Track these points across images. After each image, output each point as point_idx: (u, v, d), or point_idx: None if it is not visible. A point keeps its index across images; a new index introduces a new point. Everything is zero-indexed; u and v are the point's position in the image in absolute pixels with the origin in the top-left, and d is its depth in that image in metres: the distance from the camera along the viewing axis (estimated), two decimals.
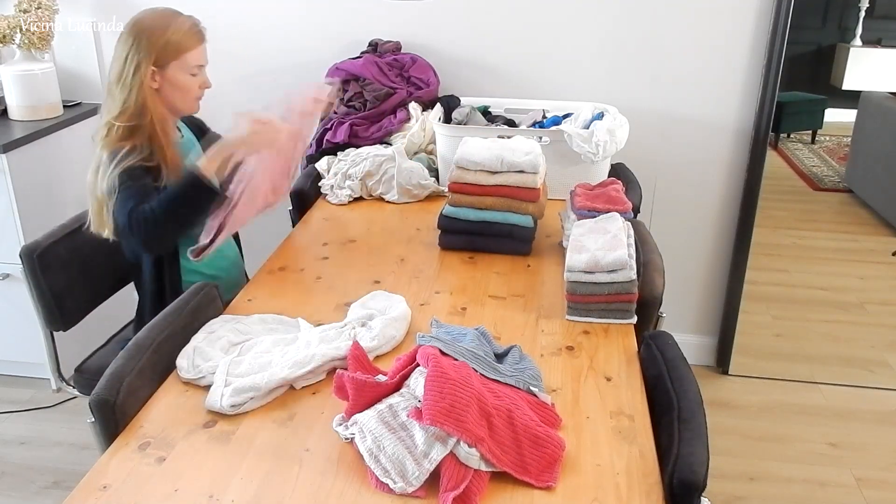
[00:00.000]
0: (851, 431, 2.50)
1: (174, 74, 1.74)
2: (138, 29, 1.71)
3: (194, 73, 1.77)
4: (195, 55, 1.76)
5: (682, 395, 1.19)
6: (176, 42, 1.72)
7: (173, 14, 1.75)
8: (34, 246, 1.74)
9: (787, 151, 4.84)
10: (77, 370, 1.88)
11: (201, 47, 1.78)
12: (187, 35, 1.74)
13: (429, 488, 1.06)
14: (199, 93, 1.82)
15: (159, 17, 1.73)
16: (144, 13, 1.74)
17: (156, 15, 1.74)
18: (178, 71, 1.74)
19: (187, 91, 1.78)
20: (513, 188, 1.81)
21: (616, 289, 1.50)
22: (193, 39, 1.75)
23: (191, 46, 1.74)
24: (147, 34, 1.70)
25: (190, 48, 1.74)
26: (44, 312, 1.78)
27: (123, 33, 1.72)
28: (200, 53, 1.77)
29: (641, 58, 2.51)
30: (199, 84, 1.80)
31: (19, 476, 2.32)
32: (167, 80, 1.74)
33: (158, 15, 1.74)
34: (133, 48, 1.69)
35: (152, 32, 1.70)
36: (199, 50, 1.77)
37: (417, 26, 2.58)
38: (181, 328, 1.42)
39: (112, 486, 1.08)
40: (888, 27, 4.54)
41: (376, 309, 1.50)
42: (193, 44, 1.75)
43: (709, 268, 2.76)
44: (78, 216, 1.89)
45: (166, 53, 1.71)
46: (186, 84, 1.77)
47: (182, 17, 1.75)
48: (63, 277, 1.80)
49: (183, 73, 1.75)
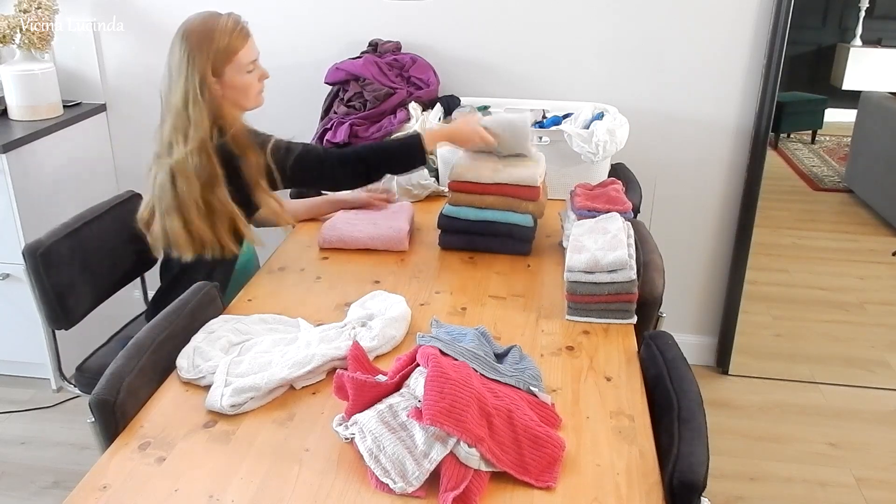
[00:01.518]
0: (851, 431, 2.50)
1: (232, 78, 1.73)
2: (188, 42, 1.68)
3: (250, 69, 1.76)
4: (246, 53, 1.74)
5: (682, 395, 1.19)
6: (225, 46, 1.70)
7: (214, 17, 1.72)
8: (37, 244, 1.74)
9: (787, 151, 4.83)
10: (78, 369, 1.88)
11: (249, 43, 1.75)
12: (234, 36, 1.71)
13: (429, 488, 1.06)
14: (260, 86, 1.81)
15: (204, 24, 1.70)
16: (189, 24, 1.71)
17: (200, 23, 1.70)
18: (234, 74, 1.73)
19: (249, 88, 1.77)
20: (513, 187, 1.81)
21: (616, 289, 1.50)
22: (240, 38, 1.72)
23: (240, 46, 1.72)
24: (197, 46, 1.67)
25: (239, 48, 1.72)
26: (46, 311, 1.78)
27: (173, 51, 1.69)
28: (250, 49, 1.75)
29: (641, 58, 2.51)
30: (258, 78, 1.79)
31: (19, 476, 2.32)
32: (227, 86, 1.73)
33: (203, 22, 1.70)
34: (189, 67, 1.67)
35: (201, 44, 1.68)
36: (248, 47, 1.74)
37: (417, 26, 2.58)
38: (181, 328, 1.42)
39: (112, 486, 1.08)
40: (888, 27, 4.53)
41: (376, 309, 1.50)
42: (241, 42, 1.73)
43: (709, 268, 2.76)
44: (80, 215, 1.89)
45: (219, 61, 1.70)
46: (245, 83, 1.76)
47: (223, 18, 1.72)
48: (65, 276, 1.80)
49: (240, 74, 1.74)
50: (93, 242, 1.86)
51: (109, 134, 2.87)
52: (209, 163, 1.67)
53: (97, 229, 1.90)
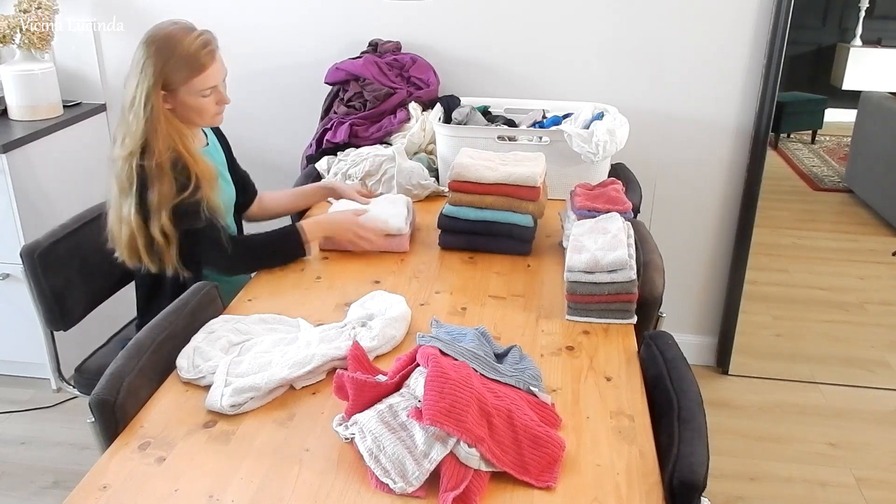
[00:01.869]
0: (851, 431, 2.50)
1: (185, 97, 1.67)
2: (147, 49, 1.64)
3: (206, 94, 1.69)
4: (204, 79, 1.66)
5: (682, 395, 1.19)
6: (183, 65, 1.63)
7: (185, 31, 1.65)
8: (35, 246, 1.74)
9: (787, 151, 4.83)
10: (77, 370, 1.88)
11: (212, 68, 1.67)
12: (195, 56, 1.64)
13: (429, 488, 1.06)
14: (217, 109, 1.75)
15: (169, 36, 1.64)
16: (157, 30, 1.65)
17: (167, 33, 1.65)
18: (187, 95, 1.67)
19: (203, 111, 1.71)
20: (513, 187, 1.81)
21: (616, 289, 1.50)
22: (203, 61, 1.65)
23: (199, 70, 1.65)
24: (154, 57, 1.62)
25: (199, 72, 1.65)
26: (44, 312, 1.78)
27: (136, 53, 1.66)
28: (211, 76, 1.67)
29: (641, 58, 2.51)
30: (214, 102, 1.72)
31: (19, 476, 2.32)
32: (179, 102, 1.68)
33: (169, 34, 1.64)
34: (142, 72, 1.63)
35: (159, 56, 1.62)
36: (209, 72, 1.67)
37: (417, 26, 2.58)
38: (181, 328, 1.42)
39: (112, 486, 1.08)
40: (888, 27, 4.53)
41: (376, 309, 1.50)
42: (202, 67, 1.65)
43: (709, 268, 2.76)
44: (78, 216, 1.89)
45: (174, 78, 1.64)
46: (199, 105, 1.70)
47: (192, 35, 1.65)
48: (63, 277, 1.80)
49: (194, 96, 1.67)
50: (91, 243, 1.86)
51: (109, 134, 2.87)
52: (130, 173, 1.63)
53: (96, 230, 1.89)
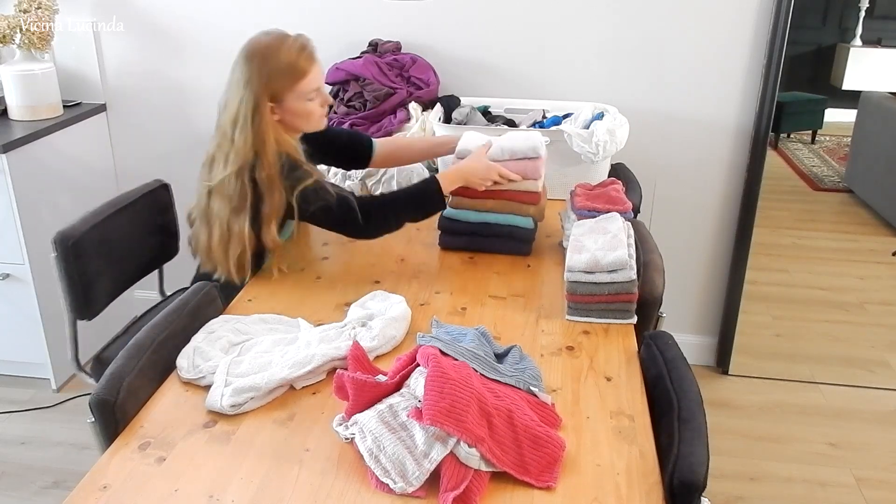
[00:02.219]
0: (851, 431, 2.50)
1: (292, 104, 1.68)
2: (248, 62, 1.63)
3: (311, 97, 1.70)
4: (309, 81, 1.68)
5: (682, 395, 1.19)
6: (287, 72, 1.64)
7: (281, 39, 1.66)
8: (70, 232, 1.72)
9: (787, 151, 4.83)
10: (96, 359, 1.87)
11: (315, 69, 1.69)
12: (297, 61, 1.65)
13: (429, 488, 1.06)
14: (323, 111, 1.76)
15: (269, 47, 1.65)
16: (254, 43, 1.66)
17: (265, 44, 1.65)
18: (294, 101, 1.67)
19: (310, 115, 1.72)
20: (513, 192, 1.81)
21: (616, 289, 1.50)
22: (304, 65, 1.66)
23: (303, 74, 1.66)
24: (257, 69, 1.62)
25: (302, 76, 1.66)
26: (71, 301, 1.76)
27: (234, 69, 1.65)
28: (314, 78, 1.69)
29: (641, 58, 2.51)
30: (319, 104, 1.73)
31: (19, 476, 2.32)
32: (286, 111, 1.68)
33: (268, 44, 1.65)
34: (246, 86, 1.63)
35: (262, 68, 1.62)
36: (313, 73, 1.68)
37: (417, 26, 2.58)
38: (181, 328, 1.42)
39: (112, 486, 1.08)
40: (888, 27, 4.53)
41: (376, 309, 1.50)
42: (305, 70, 1.66)
43: (709, 268, 2.76)
44: (111, 202, 1.88)
45: (279, 86, 1.64)
46: (307, 110, 1.70)
47: (290, 41, 1.66)
48: (93, 265, 1.78)
49: (301, 102, 1.68)
50: (119, 232, 1.85)
51: (109, 134, 2.87)
52: (242, 189, 1.64)
53: (125, 218, 1.89)
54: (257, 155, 1.64)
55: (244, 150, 1.63)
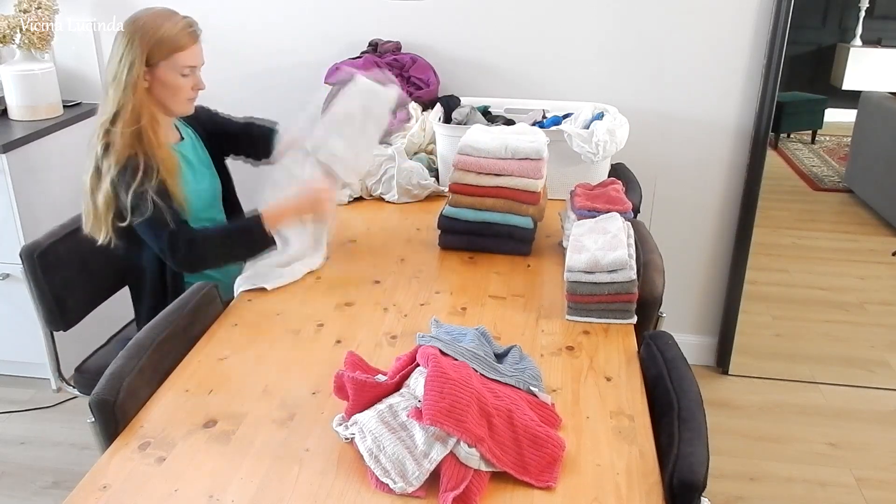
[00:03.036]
0: (851, 431, 2.50)
1: (164, 74, 1.72)
2: (132, 28, 1.70)
3: (185, 73, 1.74)
4: (186, 55, 1.73)
5: (682, 395, 1.19)
6: (167, 41, 1.69)
7: (169, 13, 1.73)
8: (34, 246, 1.74)
9: (787, 151, 4.84)
10: (77, 370, 1.87)
11: (194, 48, 1.74)
12: (180, 35, 1.71)
13: (429, 488, 1.06)
14: (192, 94, 1.79)
15: (154, 16, 1.71)
16: (140, 12, 1.73)
17: (151, 14, 1.72)
18: (167, 70, 1.72)
19: (177, 91, 1.75)
20: (513, 190, 1.81)
21: (616, 289, 1.50)
22: (185, 39, 1.72)
23: (182, 47, 1.71)
24: (140, 33, 1.68)
25: (181, 48, 1.71)
26: (44, 312, 1.78)
27: (119, 32, 1.71)
28: (192, 54, 1.74)
29: (641, 58, 2.51)
30: (190, 85, 1.77)
31: (19, 476, 2.32)
32: (157, 79, 1.72)
33: (153, 14, 1.72)
34: (127, 47, 1.69)
35: (145, 31, 1.68)
36: (191, 51, 1.74)
37: (417, 26, 2.58)
38: (181, 328, 1.42)
39: (112, 486, 1.08)
40: (888, 27, 4.54)
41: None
42: (185, 44, 1.72)
43: (709, 268, 2.76)
44: (79, 216, 1.88)
45: (157, 52, 1.69)
46: (176, 84, 1.74)
47: (177, 17, 1.73)
48: (63, 277, 1.80)
49: (173, 73, 1.72)
50: (91, 243, 1.86)
51: None
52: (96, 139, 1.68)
53: None
54: (118, 112, 1.67)
55: (112, 101, 1.68)
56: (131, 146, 1.67)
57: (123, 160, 1.65)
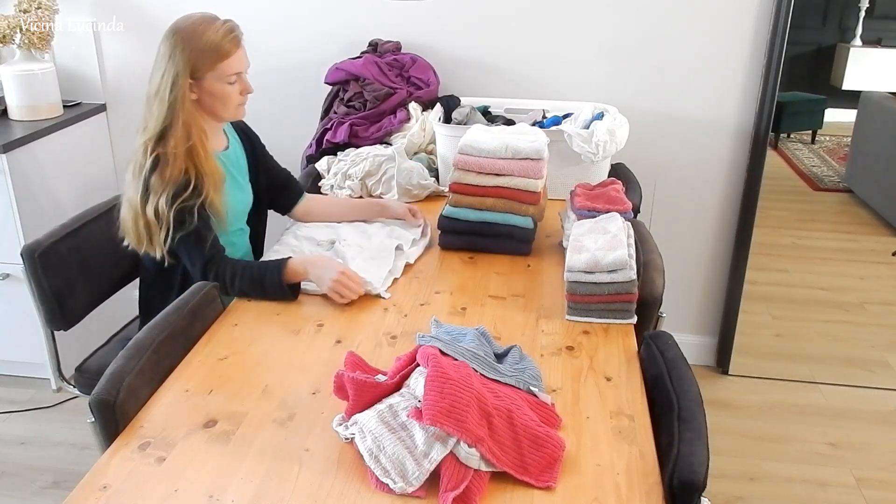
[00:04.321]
0: (851, 431, 2.50)
1: (211, 85, 1.70)
2: (173, 40, 1.66)
3: (232, 80, 1.72)
4: (232, 63, 1.70)
5: (682, 395, 1.19)
6: (210, 51, 1.67)
7: (209, 20, 1.69)
8: (35, 245, 1.74)
9: (787, 151, 4.83)
10: (77, 370, 1.88)
11: (238, 53, 1.72)
12: (223, 43, 1.68)
13: (429, 488, 1.06)
14: (241, 99, 1.77)
15: (194, 25, 1.68)
16: (181, 21, 1.69)
17: (190, 23, 1.68)
18: (214, 81, 1.69)
19: (227, 100, 1.73)
20: (514, 190, 1.81)
21: (616, 289, 1.50)
22: (229, 47, 1.69)
23: (227, 54, 1.69)
24: (182, 45, 1.65)
25: (225, 57, 1.68)
26: (44, 312, 1.78)
27: (161, 45, 1.69)
28: (237, 61, 1.71)
29: (641, 58, 2.51)
30: (239, 91, 1.75)
31: (19, 476, 2.32)
32: (205, 91, 1.70)
33: (193, 23, 1.68)
34: (169, 60, 1.66)
35: (186, 43, 1.65)
36: (235, 57, 1.71)
37: (417, 26, 2.58)
38: (181, 328, 1.42)
39: (112, 486, 1.08)
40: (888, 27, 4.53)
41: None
42: (229, 52, 1.69)
43: (709, 268, 2.76)
44: (79, 216, 1.89)
45: (202, 64, 1.67)
46: (225, 93, 1.72)
47: (217, 23, 1.69)
48: (64, 277, 1.79)
49: (220, 83, 1.70)
50: (92, 243, 1.86)
51: (109, 134, 2.87)
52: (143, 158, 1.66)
53: (96, 230, 1.90)
54: (167, 128, 1.66)
55: (158, 119, 1.66)
56: (182, 164, 1.65)
57: (177, 177, 1.64)
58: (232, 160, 1.87)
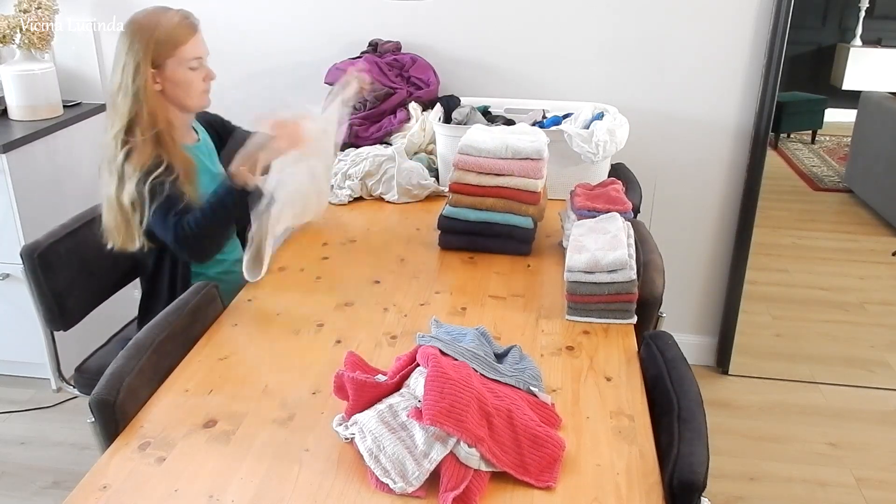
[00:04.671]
0: (851, 431, 2.50)
1: (173, 72, 1.71)
2: (130, 31, 1.69)
3: (193, 66, 1.73)
4: (190, 48, 1.72)
5: (682, 395, 1.19)
6: (167, 38, 1.68)
7: (162, 10, 1.72)
8: (35, 246, 1.74)
9: (787, 151, 4.83)
10: (77, 370, 1.88)
11: (195, 38, 1.73)
12: (178, 28, 1.70)
13: (429, 488, 1.06)
14: (205, 85, 1.78)
15: (148, 16, 1.70)
16: (135, 15, 1.72)
17: (145, 14, 1.71)
18: (175, 67, 1.71)
19: (190, 85, 1.75)
20: (514, 190, 1.81)
21: (616, 289, 1.50)
22: (185, 32, 1.71)
23: (184, 40, 1.71)
24: (138, 35, 1.67)
25: (183, 41, 1.71)
26: (44, 312, 1.78)
27: (118, 42, 1.70)
28: (196, 45, 1.73)
29: (641, 58, 2.51)
30: (202, 77, 1.76)
31: (19, 476, 2.32)
32: (167, 79, 1.72)
33: (147, 14, 1.71)
34: (128, 52, 1.68)
35: (143, 32, 1.67)
36: (193, 41, 1.73)
37: (417, 26, 2.58)
38: (181, 328, 1.42)
39: (112, 486, 1.08)
40: (888, 27, 4.53)
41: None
42: (186, 36, 1.71)
43: (709, 268, 2.76)
44: (78, 216, 1.89)
45: (160, 51, 1.68)
46: (187, 79, 1.73)
47: (171, 12, 1.72)
48: (63, 277, 1.79)
49: (182, 69, 1.72)
50: (92, 243, 1.86)
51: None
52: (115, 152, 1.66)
53: (96, 230, 1.89)
54: (133, 118, 1.66)
55: (123, 112, 1.67)
56: (153, 150, 1.66)
57: (147, 161, 1.65)
58: (204, 152, 1.88)
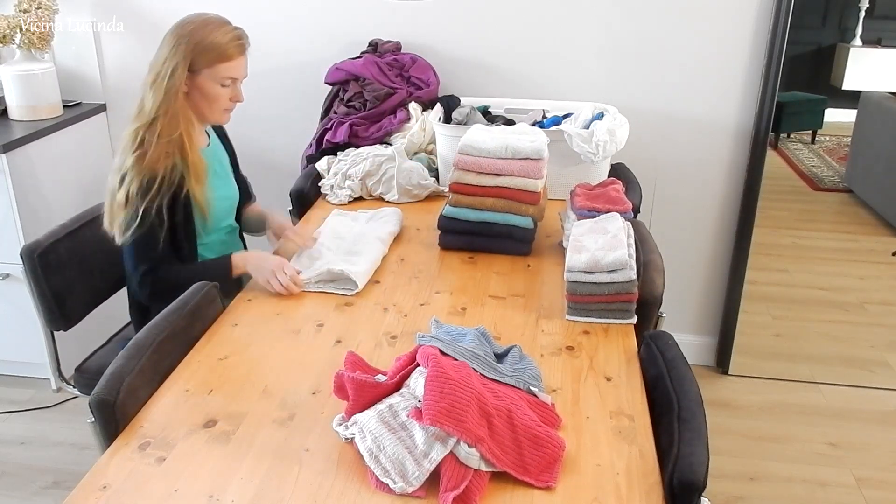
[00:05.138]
0: (851, 431, 2.50)
1: (204, 81, 1.72)
2: (181, 32, 1.68)
3: (225, 84, 1.74)
4: (230, 67, 1.72)
5: (682, 395, 1.19)
6: (214, 49, 1.69)
7: (220, 22, 1.72)
8: (35, 246, 1.74)
9: (787, 151, 4.83)
10: (77, 370, 1.88)
11: (239, 60, 1.74)
12: (228, 45, 1.70)
13: (429, 488, 1.06)
14: (229, 105, 1.79)
15: (204, 23, 1.70)
16: (192, 16, 1.71)
17: (202, 20, 1.71)
18: (208, 79, 1.71)
19: (214, 101, 1.75)
20: (514, 190, 1.81)
21: (616, 289, 1.50)
22: (233, 50, 1.71)
23: (228, 57, 1.71)
24: (188, 38, 1.67)
25: (227, 59, 1.71)
26: (44, 312, 1.78)
27: (167, 34, 1.70)
28: (237, 66, 1.74)
29: (641, 58, 2.51)
30: (228, 97, 1.76)
31: (19, 476, 2.32)
32: (196, 86, 1.72)
33: (204, 20, 1.71)
34: (172, 50, 1.68)
35: (193, 37, 1.67)
36: (236, 62, 1.73)
37: (417, 26, 2.58)
38: (181, 328, 1.42)
39: (112, 486, 1.08)
40: (888, 27, 4.53)
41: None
42: (231, 55, 1.71)
43: (709, 268, 2.76)
44: (79, 216, 1.89)
45: (201, 59, 1.69)
46: (215, 93, 1.74)
47: (228, 27, 1.72)
48: (63, 277, 1.80)
49: (212, 83, 1.72)
50: (92, 243, 1.86)
51: (109, 134, 2.87)
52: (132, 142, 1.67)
53: (96, 230, 1.90)
54: (157, 117, 1.67)
55: (151, 107, 1.68)
56: (165, 153, 1.66)
57: (148, 173, 1.65)
58: (216, 156, 1.88)
